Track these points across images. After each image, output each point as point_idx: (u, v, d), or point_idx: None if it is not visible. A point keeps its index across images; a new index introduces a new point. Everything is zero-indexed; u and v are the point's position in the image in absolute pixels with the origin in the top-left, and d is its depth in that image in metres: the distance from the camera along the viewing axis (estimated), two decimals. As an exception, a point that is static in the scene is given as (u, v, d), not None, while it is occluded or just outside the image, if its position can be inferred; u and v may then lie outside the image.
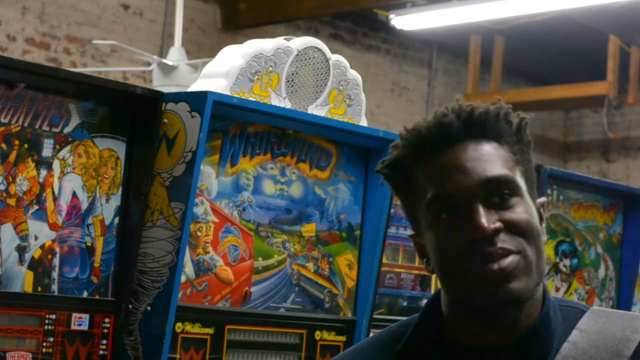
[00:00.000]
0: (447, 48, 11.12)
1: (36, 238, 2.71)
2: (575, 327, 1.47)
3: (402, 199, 1.54)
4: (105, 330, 2.82)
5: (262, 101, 3.02)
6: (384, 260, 3.45)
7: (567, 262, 4.22)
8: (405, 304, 3.64)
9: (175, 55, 7.00)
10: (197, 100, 2.86)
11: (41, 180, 2.72)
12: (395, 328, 1.59)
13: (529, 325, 1.47)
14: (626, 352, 1.43)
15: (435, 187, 1.46)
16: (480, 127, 1.47)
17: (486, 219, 1.42)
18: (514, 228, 1.44)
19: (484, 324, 1.47)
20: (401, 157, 1.50)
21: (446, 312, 1.51)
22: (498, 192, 1.45)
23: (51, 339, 2.71)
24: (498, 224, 1.43)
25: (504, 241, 1.43)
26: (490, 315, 1.46)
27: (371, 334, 3.29)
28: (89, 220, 2.82)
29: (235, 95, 2.96)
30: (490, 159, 1.46)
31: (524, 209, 1.46)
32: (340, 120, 3.23)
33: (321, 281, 3.28)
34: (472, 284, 1.43)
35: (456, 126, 1.47)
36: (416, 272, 3.67)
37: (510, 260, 1.42)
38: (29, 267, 2.69)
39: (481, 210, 1.43)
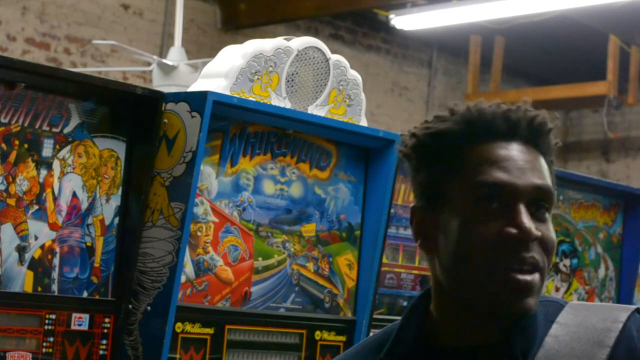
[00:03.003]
0: (447, 48, 11.11)
1: (36, 238, 2.71)
2: (555, 321, 1.47)
3: (426, 171, 1.50)
4: (105, 330, 2.82)
5: (262, 101, 3.02)
6: (384, 260, 3.44)
7: (567, 262, 4.22)
8: (405, 304, 3.63)
9: (175, 55, 7.00)
10: (197, 100, 2.86)
11: (41, 180, 2.72)
12: (379, 335, 1.58)
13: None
14: (608, 342, 1.43)
15: (490, 173, 1.44)
16: (537, 135, 1.50)
17: (531, 224, 1.42)
18: (543, 244, 1.45)
19: (477, 322, 1.46)
20: (455, 131, 1.48)
21: (435, 307, 1.50)
22: (538, 203, 1.45)
23: (51, 339, 2.71)
24: (539, 233, 1.43)
25: (536, 252, 1.43)
26: (491, 316, 1.45)
27: (371, 334, 3.29)
28: (89, 220, 2.82)
29: (235, 95, 2.96)
30: (541, 168, 1.48)
31: (552, 228, 1.47)
32: (340, 120, 3.23)
33: (321, 281, 3.28)
34: (492, 285, 1.42)
35: (523, 125, 1.48)
36: (416, 272, 3.67)
37: (535, 276, 1.43)
38: (29, 267, 2.69)
39: (526, 213, 1.43)
